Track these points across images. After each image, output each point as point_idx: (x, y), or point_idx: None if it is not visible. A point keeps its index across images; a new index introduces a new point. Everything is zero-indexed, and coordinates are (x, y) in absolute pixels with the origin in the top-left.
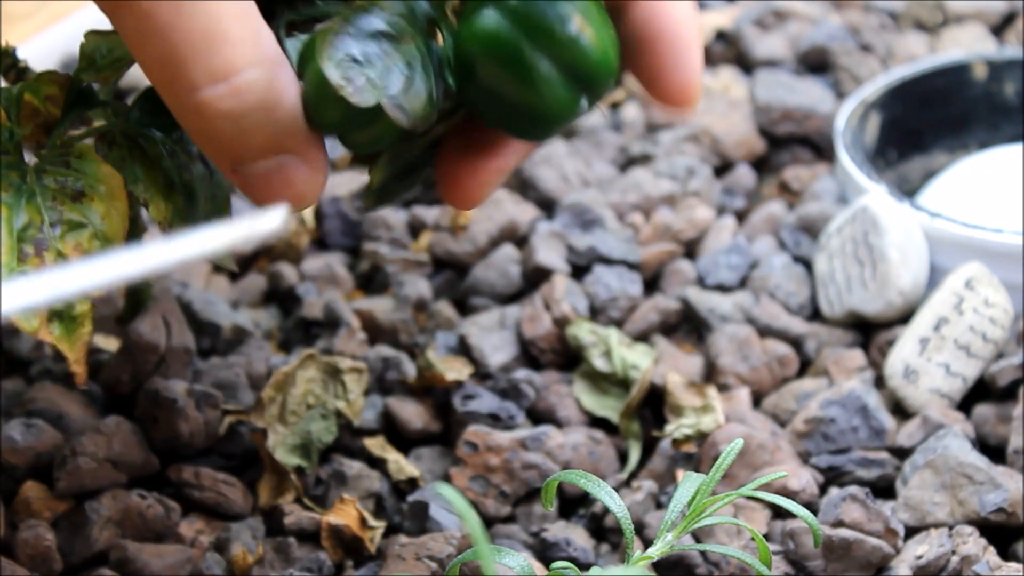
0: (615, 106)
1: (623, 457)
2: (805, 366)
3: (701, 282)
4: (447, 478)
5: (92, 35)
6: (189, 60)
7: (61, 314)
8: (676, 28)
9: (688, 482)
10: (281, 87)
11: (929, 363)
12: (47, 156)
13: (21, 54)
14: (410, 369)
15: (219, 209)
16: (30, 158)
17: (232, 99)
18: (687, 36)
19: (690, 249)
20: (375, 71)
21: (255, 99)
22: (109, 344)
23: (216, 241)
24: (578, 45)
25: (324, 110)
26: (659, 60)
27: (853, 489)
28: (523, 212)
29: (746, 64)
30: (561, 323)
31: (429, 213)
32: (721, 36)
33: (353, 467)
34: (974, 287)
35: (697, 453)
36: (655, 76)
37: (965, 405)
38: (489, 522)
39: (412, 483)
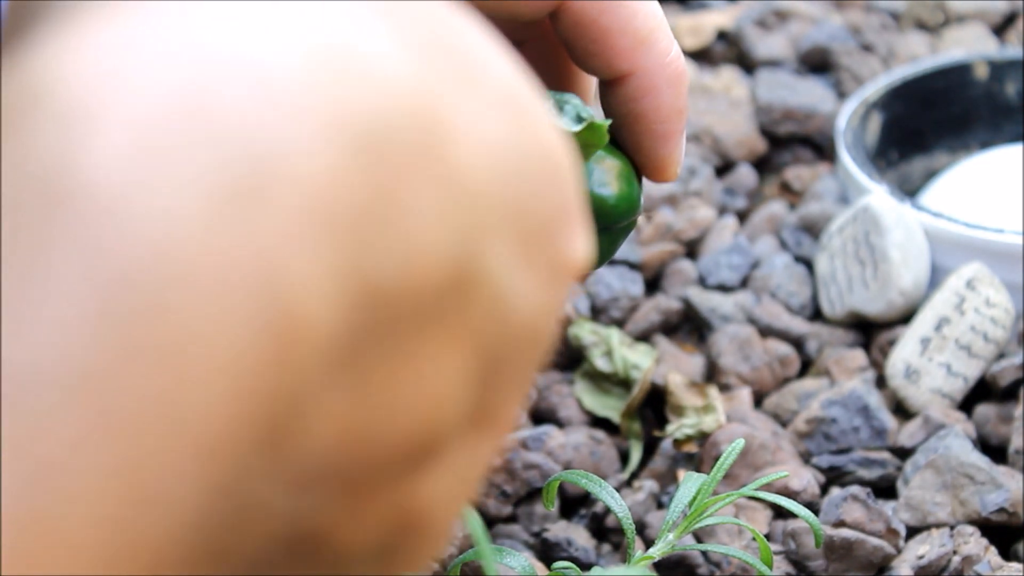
0: None
1: (624, 457)
2: (806, 366)
3: (702, 282)
4: None
5: None
6: None
7: None
8: (665, 115)
9: (689, 482)
10: None
11: (930, 363)
12: None
13: None
14: None
15: None
16: None
17: None
18: (675, 125)
19: (691, 249)
20: None
21: None
22: None
23: None
24: (605, 202)
25: None
26: (645, 139)
27: (854, 489)
28: None
29: (747, 64)
30: (562, 323)
31: None
32: (722, 36)
33: None
34: (975, 287)
35: (698, 453)
36: (639, 151)
37: (966, 405)
38: (490, 522)
39: None
